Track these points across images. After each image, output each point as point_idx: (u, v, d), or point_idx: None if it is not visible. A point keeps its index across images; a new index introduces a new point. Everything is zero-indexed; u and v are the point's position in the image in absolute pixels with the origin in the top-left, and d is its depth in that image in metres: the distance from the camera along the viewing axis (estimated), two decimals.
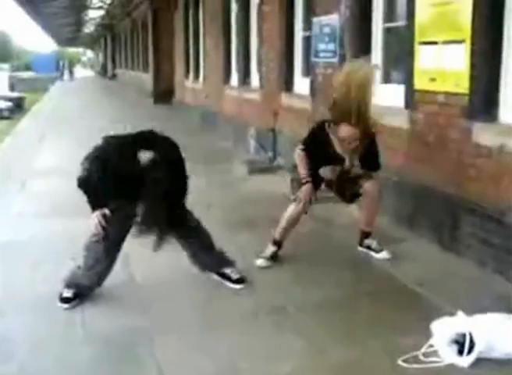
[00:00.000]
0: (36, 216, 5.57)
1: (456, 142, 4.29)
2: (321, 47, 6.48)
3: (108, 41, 42.78)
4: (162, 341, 3.11)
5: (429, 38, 4.51)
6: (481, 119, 4.04)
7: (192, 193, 3.43)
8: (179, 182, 3.31)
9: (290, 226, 4.18)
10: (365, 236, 4.38)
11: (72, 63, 55.01)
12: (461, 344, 2.81)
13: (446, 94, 4.35)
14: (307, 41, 7.14)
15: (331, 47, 6.24)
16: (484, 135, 4.01)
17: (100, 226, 3.43)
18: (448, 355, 2.83)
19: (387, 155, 4.25)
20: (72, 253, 3.76)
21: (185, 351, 3.01)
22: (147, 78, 21.68)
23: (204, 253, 3.74)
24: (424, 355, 2.85)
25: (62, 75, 48.41)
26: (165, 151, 3.30)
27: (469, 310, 2.98)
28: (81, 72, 64.49)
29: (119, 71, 36.49)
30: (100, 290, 3.66)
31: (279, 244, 4.22)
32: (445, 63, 4.35)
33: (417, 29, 4.65)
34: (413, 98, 4.78)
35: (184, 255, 3.80)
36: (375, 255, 4.28)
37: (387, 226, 4.82)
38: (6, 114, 20.29)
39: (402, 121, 4.91)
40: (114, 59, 40.70)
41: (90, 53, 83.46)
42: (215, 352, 2.98)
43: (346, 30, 5.87)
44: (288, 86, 7.77)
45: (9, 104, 21.62)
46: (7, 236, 4.96)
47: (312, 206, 4.20)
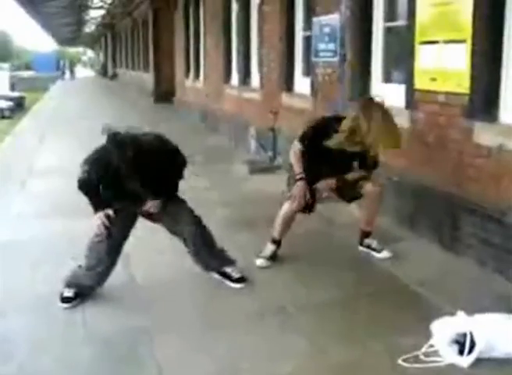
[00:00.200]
0: (36, 216, 5.58)
1: (456, 142, 4.29)
2: (322, 47, 6.48)
3: (109, 40, 42.77)
4: (163, 340, 3.11)
5: (430, 38, 4.51)
6: (482, 119, 4.04)
7: (192, 192, 3.44)
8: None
9: (286, 223, 4.18)
10: (365, 235, 4.38)
11: (72, 63, 55.13)
12: (462, 344, 2.82)
13: (447, 93, 4.35)
14: (308, 40, 7.13)
15: (331, 47, 6.23)
16: (484, 135, 4.01)
17: (103, 226, 3.44)
18: (448, 355, 2.83)
19: (387, 155, 4.24)
20: (73, 253, 3.76)
21: (185, 350, 3.01)
22: (147, 78, 21.69)
23: (207, 251, 3.74)
24: (424, 354, 2.86)
25: (63, 74, 48.51)
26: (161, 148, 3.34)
27: (469, 310, 2.98)
28: (82, 71, 64.55)
29: (120, 71, 36.49)
30: (101, 290, 3.66)
31: (277, 242, 4.22)
32: (445, 63, 4.34)
33: (417, 28, 4.65)
34: (413, 98, 4.78)
35: (184, 254, 3.80)
36: (375, 254, 4.28)
37: (388, 226, 4.82)
38: (7, 113, 20.33)
39: (402, 121, 4.89)
40: (114, 59, 40.69)
41: (90, 53, 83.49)
42: (216, 352, 2.98)
43: (346, 29, 5.87)
44: (288, 86, 7.77)
45: (10, 103, 21.66)
46: (7, 236, 4.96)
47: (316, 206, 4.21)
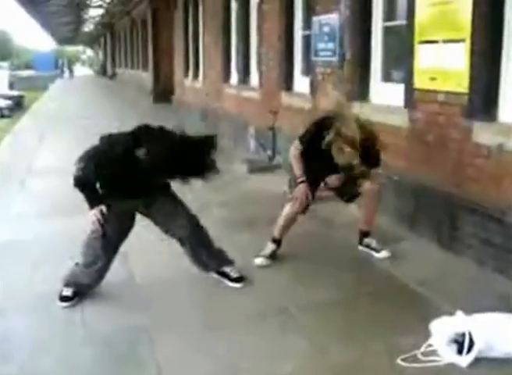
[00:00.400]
0: (35, 215, 5.58)
1: (455, 141, 4.29)
2: (321, 46, 6.48)
3: (108, 39, 42.74)
4: (162, 340, 3.11)
5: (429, 37, 4.51)
6: (481, 118, 4.04)
7: (191, 192, 3.43)
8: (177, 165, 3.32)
9: (288, 224, 4.19)
10: (364, 235, 4.38)
11: (71, 62, 55.15)
12: (460, 343, 2.82)
13: (446, 93, 4.35)
14: (307, 40, 7.13)
15: (330, 46, 6.23)
16: (483, 134, 4.01)
17: (98, 222, 3.45)
18: (447, 355, 2.83)
19: (387, 155, 4.24)
20: (73, 252, 3.76)
21: (185, 350, 3.01)
22: (146, 77, 21.67)
23: (204, 251, 3.74)
24: (423, 354, 2.86)
25: (62, 73, 48.53)
26: (159, 142, 3.32)
27: (469, 309, 2.98)
28: (80, 70, 64.49)
29: (119, 70, 36.47)
30: (99, 289, 3.67)
31: (278, 242, 4.23)
32: (445, 62, 4.34)
33: (417, 28, 4.64)
34: (412, 97, 4.78)
35: (182, 253, 3.80)
36: (375, 254, 4.28)
37: (387, 226, 4.82)
38: (6, 113, 20.33)
39: (402, 120, 4.91)
40: (113, 58, 40.66)
41: (89, 52, 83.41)
42: (216, 352, 2.98)
43: (345, 29, 5.87)
44: (288, 85, 7.77)
45: (9, 102, 21.67)
46: (7, 235, 4.96)
47: (312, 206, 4.21)
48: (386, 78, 5.64)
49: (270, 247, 4.21)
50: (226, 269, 3.82)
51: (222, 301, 3.60)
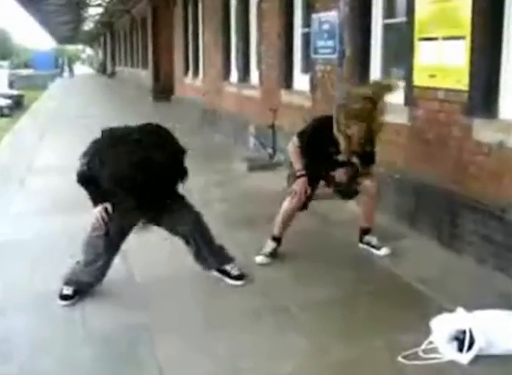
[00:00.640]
0: (36, 213, 5.57)
1: (456, 139, 4.28)
2: (321, 43, 6.47)
3: (108, 38, 42.69)
4: (163, 339, 3.11)
5: (429, 34, 4.50)
6: (481, 115, 4.03)
7: (191, 190, 3.43)
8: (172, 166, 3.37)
9: (287, 220, 4.18)
10: (365, 232, 4.38)
11: (71, 61, 55.13)
12: (461, 340, 2.81)
13: (446, 90, 4.34)
14: (307, 37, 7.12)
15: (330, 43, 6.22)
16: (484, 132, 4.00)
17: (102, 220, 3.44)
18: (448, 352, 2.83)
19: (387, 152, 4.24)
20: (73, 251, 3.75)
21: (185, 349, 3.00)
22: (146, 75, 21.64)
23: (207, 248, 3.73)
24: (424, 351, 2.86)
25: (62, 72, 48.51)
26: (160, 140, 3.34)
27: (469, 307, 2.97)
28: (80, 69, 64.45)
29: (119, 68, 36.44)
30: (99, 287, 3.66)
31: (278, 239, 4.22)
32: (445, 59, 4.34)
33: (417, 25, 4.63)
34: (413, 95, 4.77)
35: (182, 251, 3.80)
36: (375, 251, 4.27)
37: (388, 223, 4.81)
38: (6, 112, 20.32)
39: (402, 118, 4.90)
40: (113, 56, 40.62)
41: (89, 51, 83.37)
42: (216, 351, 2.97)
43: (345, 26, 5.86)
44: (287, 83, 7.76)
45: (9, 101, 21.66)
46: (7, 234, 4.95)
47: (312, 203, 4.20)
48: (386, 75, 5.62)
49: (270, 245, 4.20)
50: (227, 267, 3.81)
51: (223, 300, 3.60)
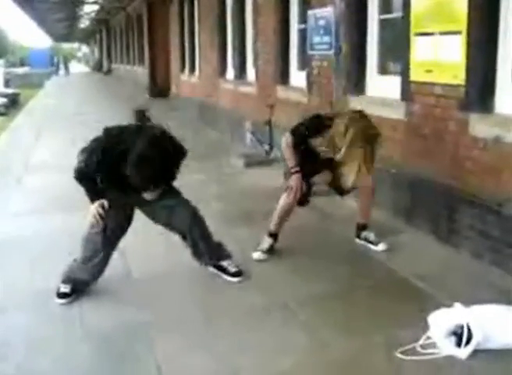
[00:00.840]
0: (34, 211, 5.56)
1: (452, 134, 4.28)
2: (317, 39, 6.46)
3: (104, 35, 42.58)
4: (161, 336, 3.10)
5: (425, 29, 4.49)
6: (478, 110, 4.03)
7: (188, 186, 3.42)
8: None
9: (283, 216, 4.18)
10: (362, 228, 4.38)
11: (66, 59, 55.03)
12: (459, 335, 2.81)
13: (442, 85, 4.34)
14: (303, 33, 7.11)
15: (326, 39, 6.21)
16: (480, 127, 4.00)
17: (99, 217, 3.43)
18: (446, 347, 2.83)
19: (384, 148, 4.23)
20: (72, 248, 3.74)
21: (184, 346, 3.00)
22: (142, 72, 21.60)
23: (204, 244, 3.73)
24: (422, 347, 2.86)
25: (57, 70, 48.40)
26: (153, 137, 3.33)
27: (467, 302, 2.98)
28: (76, 67, 64.34)
29: (115, 66, 36.37)
30: (97, 285, 3.66)
31: (274, 235, 4.22)
32: (441, 55, 4.33)
33: (413, 20, 4.63)
34: (409, 90, 4.77)
35: (179, 248, 3.80)
36: (372, 247, 4.27)
37: (385, 219, 4.82)
38: (2, 110, 20.24)
39: (398, 113, 4.90)
40: (109, 54, 40.52)
41: (85, 48, 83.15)
42: (215, 348, 2.97)
43: (341, 22, 5.85)
44: (284, 79, 7.75)
45: (4, 100, 21.56)
46: (5, 232, 4.94)
47: (310, 199, 4.21)
48: (383, 71, 5.62)
49: (267, 241, 4.20)
50: (224, 264, 3.81)
51: (220, 296, 3.60)
